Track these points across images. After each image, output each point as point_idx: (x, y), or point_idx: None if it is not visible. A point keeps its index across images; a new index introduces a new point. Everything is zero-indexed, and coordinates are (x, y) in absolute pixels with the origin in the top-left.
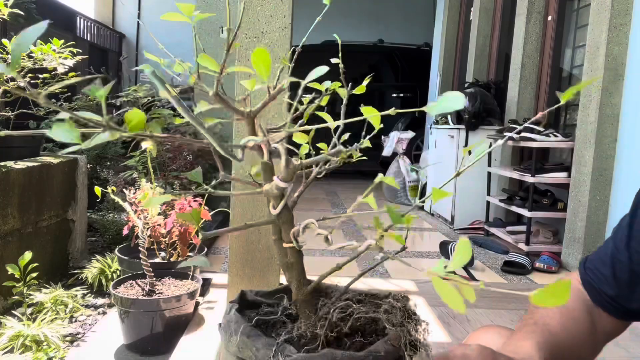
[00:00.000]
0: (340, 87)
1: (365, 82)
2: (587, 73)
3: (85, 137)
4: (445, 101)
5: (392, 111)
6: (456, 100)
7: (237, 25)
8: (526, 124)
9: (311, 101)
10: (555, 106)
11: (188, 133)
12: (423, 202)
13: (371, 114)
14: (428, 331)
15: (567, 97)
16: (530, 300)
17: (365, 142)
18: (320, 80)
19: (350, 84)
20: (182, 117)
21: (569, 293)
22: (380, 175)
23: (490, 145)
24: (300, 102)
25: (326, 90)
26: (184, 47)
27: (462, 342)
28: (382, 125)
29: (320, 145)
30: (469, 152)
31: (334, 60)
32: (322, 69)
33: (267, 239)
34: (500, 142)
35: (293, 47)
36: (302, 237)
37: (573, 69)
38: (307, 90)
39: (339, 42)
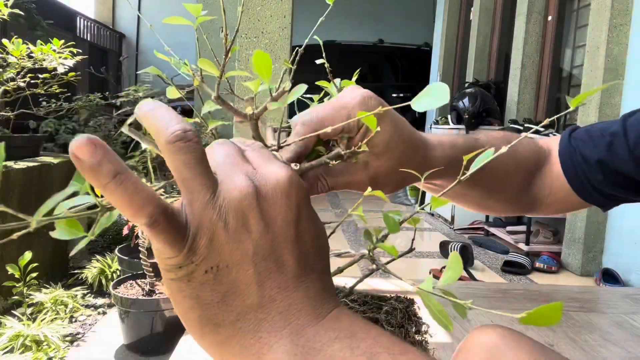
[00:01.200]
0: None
1: (354, 77)
2: (587, 73)
3: None
4: (429, 95)
5: (380, 110)
6: (441, 93)
7: (236, 29)
8: (538, 128)
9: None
10: (565, 112)
11: None
12: (423, 208)
13: (363, 115)
14: (430, 334)
15: (577, 103)
16: (519, 323)
17: (363, 147)
18: (328, 79)
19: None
20: (190, 118)
21: (561, 315)
22: (369, 189)
23: (495, 152)
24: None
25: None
26: (185, 48)
27: (461, 342)
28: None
29: (319, 148)
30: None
31: (318, 61)
32: (302, 87)
33: None
34: (504, 149)
35: (296, 49)
36: None
37: (573, 69)
38: (315, 90)
39: (320, 42)
